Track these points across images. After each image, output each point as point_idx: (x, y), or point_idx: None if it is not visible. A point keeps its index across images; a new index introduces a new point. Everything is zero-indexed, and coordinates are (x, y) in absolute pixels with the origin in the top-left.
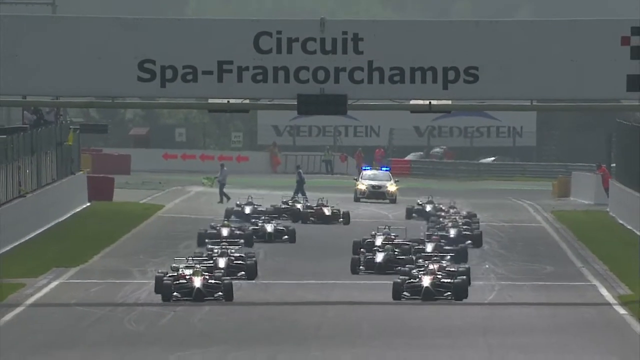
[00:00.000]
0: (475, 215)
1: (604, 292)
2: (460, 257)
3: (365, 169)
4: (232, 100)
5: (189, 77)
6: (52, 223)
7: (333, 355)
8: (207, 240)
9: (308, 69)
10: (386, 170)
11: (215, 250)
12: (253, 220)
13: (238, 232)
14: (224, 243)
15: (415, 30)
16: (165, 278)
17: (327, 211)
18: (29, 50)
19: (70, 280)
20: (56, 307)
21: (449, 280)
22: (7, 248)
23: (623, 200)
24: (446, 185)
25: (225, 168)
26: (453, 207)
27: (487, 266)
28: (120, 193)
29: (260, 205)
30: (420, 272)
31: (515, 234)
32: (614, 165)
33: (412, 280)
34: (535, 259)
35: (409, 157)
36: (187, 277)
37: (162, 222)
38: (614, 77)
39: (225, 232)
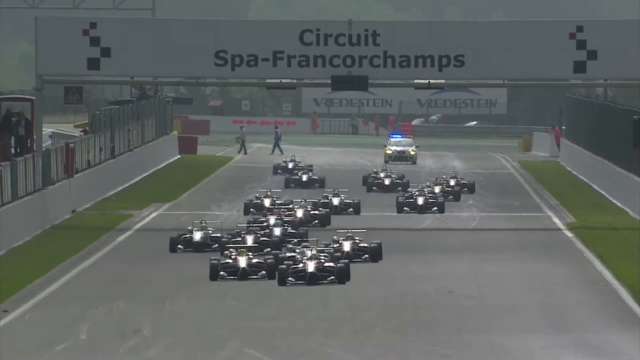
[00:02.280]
0: (461, 189)
1: (556, 220)
2: (323, 222)
3: (392, 137)
4: (283, 80)
5: (252, 62)
6: (152, 170)
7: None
8: (251, 210)
9: (339, 56)
10: (397, 136)
11: (244, 228)
12: (325, 194)
13: (279, 202)
14: (250, 227)
15: (418, 28)
16: (212, 259)
17: (387, 181)
18: (135, 43)
19: (166, 212)
20: (156, 232)
21: (332, 265)
22: (120, 188)
23: (570, 153)
24: (441, 142)
25: (243, 129)
26: (454, 177)
27: (470, 202)
28: (202, 148)
29: (300, 162)
30: (304, 258)
31: (491, 178)
32: (564, 127)
33: (296, 265)
34: (506, 196)
35: (414, 122)
36: (233, 257)
37: (232, 170)
38: (564, 62)
39: (267, 202)
